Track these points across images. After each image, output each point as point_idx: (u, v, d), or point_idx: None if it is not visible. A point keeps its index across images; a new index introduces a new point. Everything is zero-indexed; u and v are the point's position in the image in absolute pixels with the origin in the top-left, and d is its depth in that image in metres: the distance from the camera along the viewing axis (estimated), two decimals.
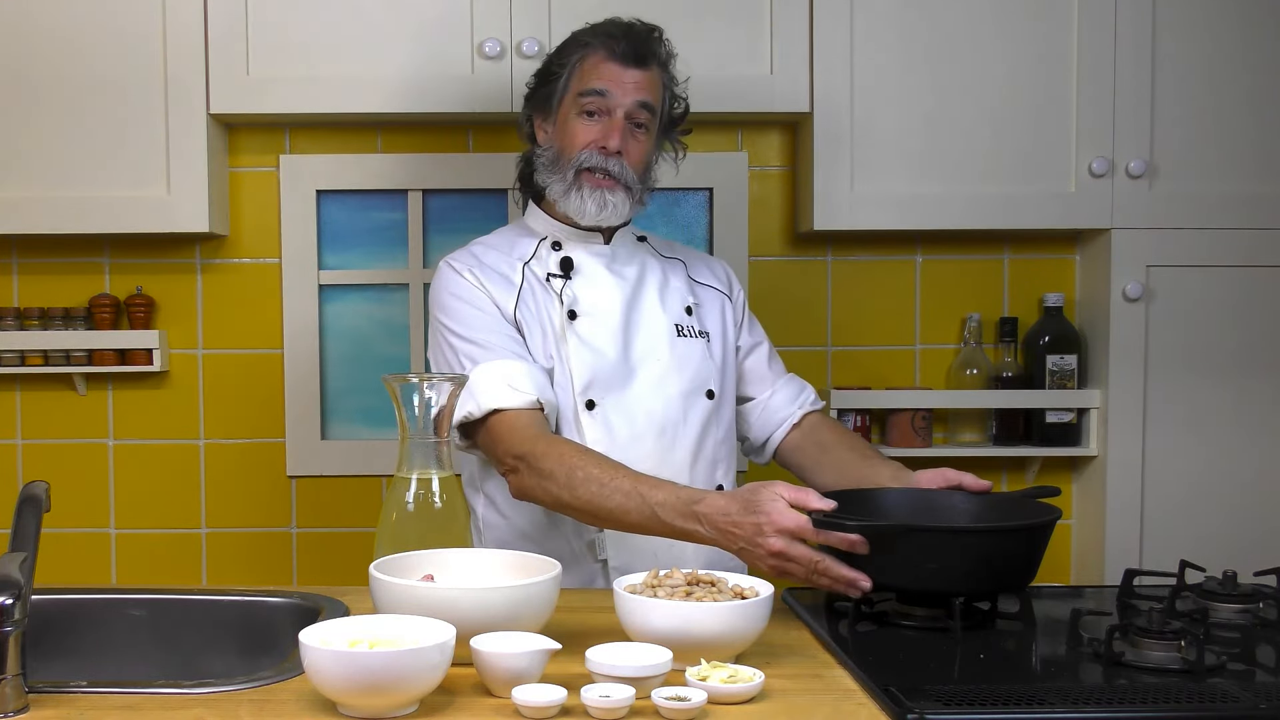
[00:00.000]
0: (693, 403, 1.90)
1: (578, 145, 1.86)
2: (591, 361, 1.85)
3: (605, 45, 1.86)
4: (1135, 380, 2.41)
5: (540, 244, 1.93)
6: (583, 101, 1.85)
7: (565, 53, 1.90)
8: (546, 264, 1.91)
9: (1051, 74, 2.37)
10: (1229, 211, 2.39)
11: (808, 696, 1.27)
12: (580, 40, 1.89)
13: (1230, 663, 1.37)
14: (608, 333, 1.87)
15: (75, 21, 2.30)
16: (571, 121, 1.87)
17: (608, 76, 1.85)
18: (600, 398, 1.85)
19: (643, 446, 1.84)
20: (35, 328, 2.47)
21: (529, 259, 1.91)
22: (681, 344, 1.92)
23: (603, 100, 1.84)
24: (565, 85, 1.88)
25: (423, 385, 1.53)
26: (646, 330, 1.90)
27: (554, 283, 1.89)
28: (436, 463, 1.53)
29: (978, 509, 1.69)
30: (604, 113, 1.85)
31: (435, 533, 1.50)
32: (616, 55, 1.85)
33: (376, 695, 1.17)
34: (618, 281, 1.91)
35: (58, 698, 1.25)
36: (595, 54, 1.86)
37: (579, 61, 1.87)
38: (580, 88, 1.85)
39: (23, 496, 1.32)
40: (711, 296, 2.02)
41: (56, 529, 2.49)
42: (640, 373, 1.88)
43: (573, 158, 1.86)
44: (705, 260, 2.08)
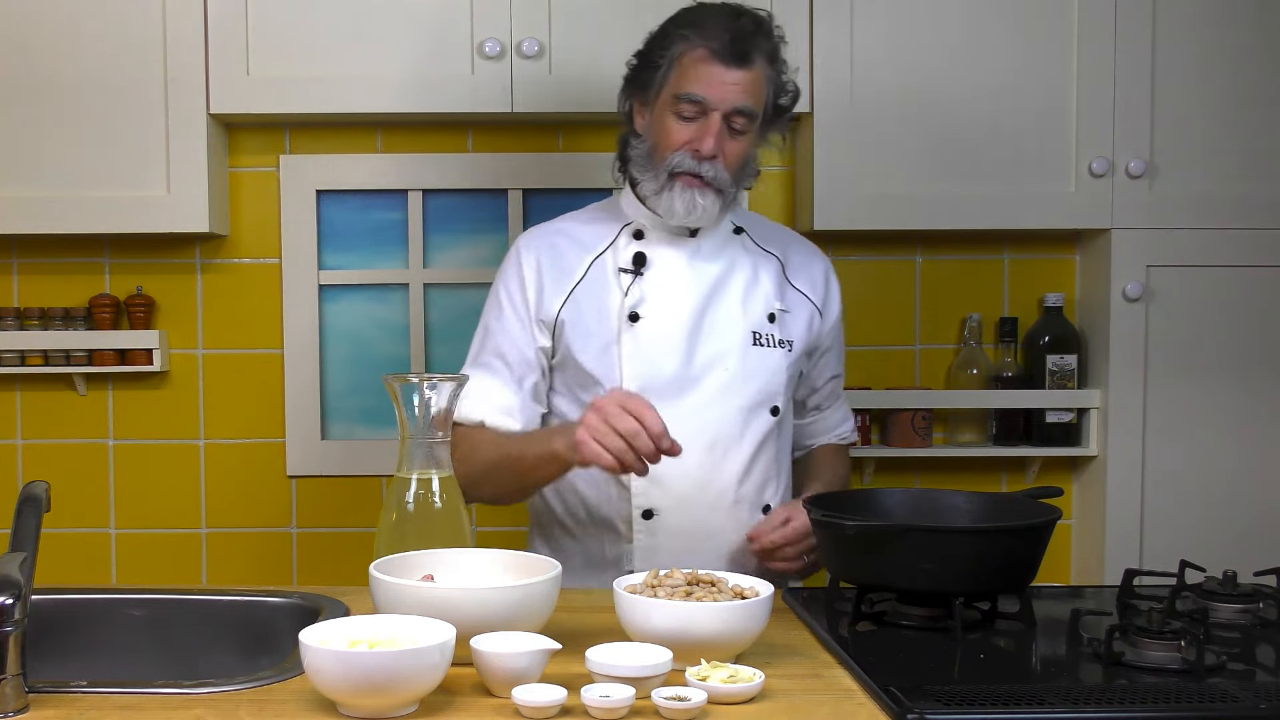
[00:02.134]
0: (753, 418, 1.83)
1: (671, 146, 1.78)
2: (646, 370, 1.80)
3: (706, 42, 1.74)
4: (1135, 380, 2.41)
5: (622, 231, 1.87)
6: (678, 105, 1.76)
7: (666, 41, 1.79)
8: (621, 255, 1.85)
9: (1051, 74, 2.37)
10: (1229, 211, 2.39)
11: (808, 696, 1.27)
12: (682, 31, 1.77)
13: (1230, 663, 1.37)
14: (671, 337, 1.81)
15: (75, 22, 2.30)
16: (666, 119, 1.78)
17: (706, 79, 1.74)
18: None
19: (689, 461, 1.73)
20: (35, 328, 2.47)
21: (602, 251, 1.86)
22: (755, 354, 1.84)
23: (699, 105, 1.75)
24: (663, 79, 1.78)
25: (423, 385, 1.53)
26: (718, 335, 1.83)
27: (623, 278, 1.83)
28: (436, 463, 1.53)
29: (978, 509, 1.69)
30: (700, 114, 1.76)
31: (435, 533, 1.50)
32: (718, 55, 1.74)
33: (376, 695, 1.17)
34: (696, 278, 1.83)
35: (58, 698, 1.25)
36: (695, 51, 1.75)
37: (678, 57, 1.76)
38: (677, 89, 1.76)
39: (23, 496, 1.32)
40: (801, 305, 1.92)
41: (56, 529, 2.49)
42: (704, 381, 1.81)
43: (666, 159, 1.78)
44: (807, 259, 1.97)
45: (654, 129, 1.81)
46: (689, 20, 1.78)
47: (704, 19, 1.77)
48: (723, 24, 1.75)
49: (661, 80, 1.78)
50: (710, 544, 1.80)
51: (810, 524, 1.62)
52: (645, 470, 1.59)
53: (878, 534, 1.51)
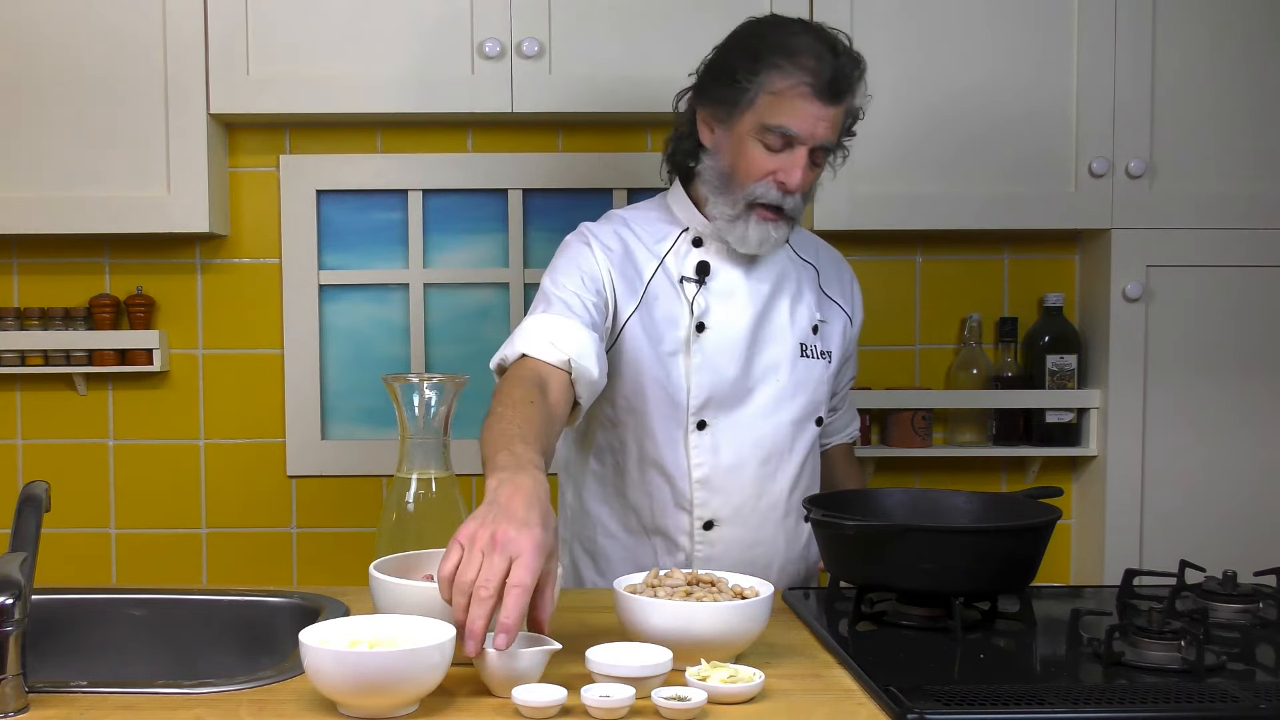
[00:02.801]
0: (802, 430, 1.84)
1: (754, 175, 1.72)
2: (712, 380, 1.77)
3: (805, 77, 1.67)
4: (1135, 380, 2.41)
5: (680, 236, 1.82)
6: (765, 134, 1.70)
7: (758, 62, 1.69)
8: (683, 263, 1.81)
9: (1051, 74, 2.37)
10: (1229, 211, 2.39)
11: (808, 696, 1.27)
12: (776, 59, 1.69)
13: (1230, 663, 1.37)
14: (733, 348, 1.78)
15: (75, 22, 2.30)
16: (749, 145, 1.71)
17: (800, 115, 1.69)
18: (713, 418, 1.78)
19: (746, 472, 1.78)
20: (35, 328, 2.47)
21: (665, 255, 1.81)
22: (803, 365, 1.83)
23: (787, 138, 1.70)
24: (750, 102, 1.70)
25: (423, 385, 1.53)
26: (772, 347, 1.81)
27: (687, 287, 1.79)
28: (436, 463, 1.53)
29: (978, 509, 1.69)
30: (785, 146, 1.70)
31: (435, 533, 1.50)
32: (816, 92, 1.68)
33: (376, 695, 1.17)
34: (753, 288, 1.81)
35: (58, 698, 1.25)
36: (792, 83, 1.68)
37: (772, 85, 1.69)
38: (768, 120, 1.69)
39: (23, 496, 1.31)
40: (836, 315, 1.92)
41: (56, 529, 2.49)
42: (757, 393, 1.80)
43: (747, 188, 1.72)
44: (837, 267, 1.96)
45: (733, 152, 1.73)
46: (784, 48, 1.70)
47: (801, 50, 1.69)
48: (823, 59, 1.69)
49: (747, 104, 1.71)
50: (761, 552, 1.81)
51: None
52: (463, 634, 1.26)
53: (877, 534, 1.51)
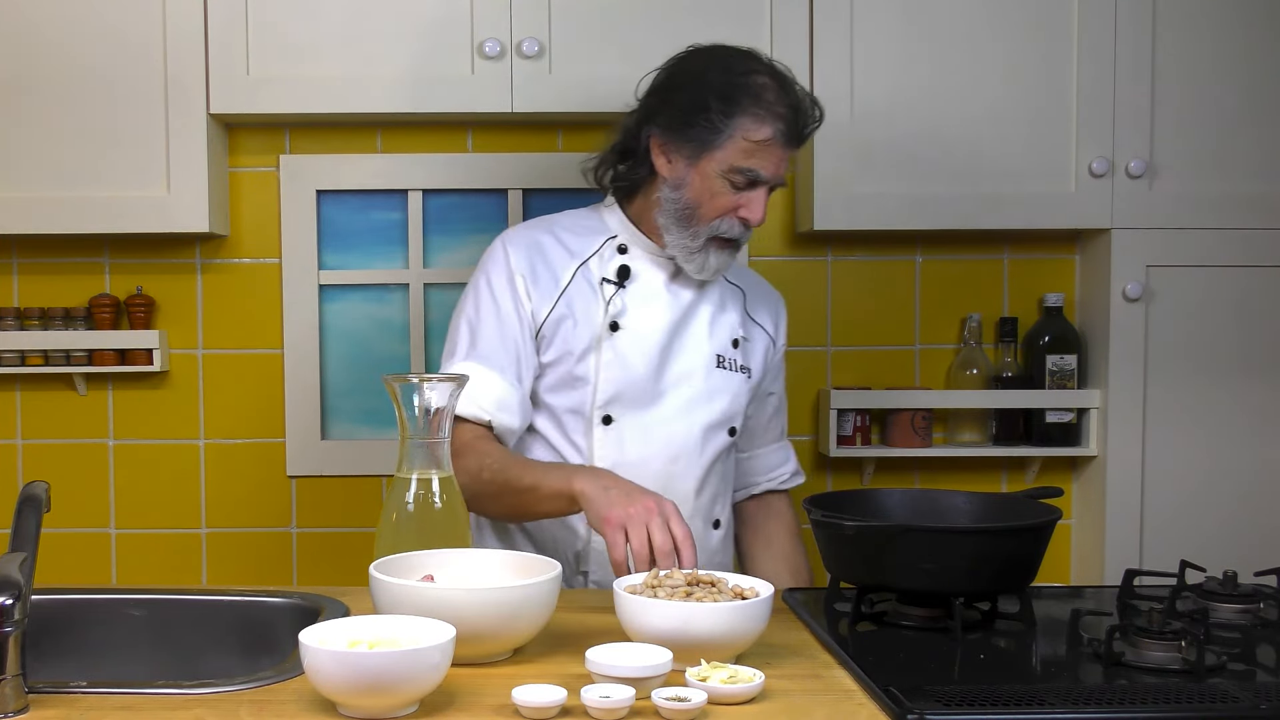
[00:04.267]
0: (713, 436, 1.89)
1: (719, 211, 1.79)
2: (620, 377, 1.83)
3: (780, 125, 1.75)
4: (1135, 380, 2.41)
5: (606, 243, 1.89)
6: (734, 174, 1.77)
7: (733, 106, 1.75)
8: (605, 266, 1.88)
9: (1051, 74, 2.37)
10: (1229, 211, 2.39)
11: (808, 697, 1.27)
12: (748, 105, 1.75)
13: (1230, 663, 1.37)
14: (645, 350, 1.84)
15: (75, 22, 2.30)
16: (716, 184, 1.78)
17: (771, 160, 1.77)
18: (619, 414, 1.84)
19: (650, 468, 1.83)
20: (35, 328, 2.47)
21: (588, 258, 1.88)
22: (719, 375, 1.89)
23: (753, 178, 1.77)
24: (722, 144, 1.76)
25: (423, 385, 1.53)
26: (687, 355, 1.88)
27: (605, 288, 1.86)
28: (436, 463, 1.53)
29: (978, 509, 1.69)
30: (749, 185, 1.78)
31: (435, 533, 1.50)
32: (784, 138, 1.76)
33: (376, 695, 1.17)
34: (671, 299, 1.88)
35: (58, 698, 1.25)
36: (764, 129, 1.75)
37: (748, 132, 1.75)
38: (740, 164, 1.76)
39: (23, 496, 1.32)
40: (760, 336, 2.00)
41: (56, 529, 2.49)
42: (669, 396, 1.86)
43: (710, 223, 1.79)
44: (765, 295, 2.04)
45: (698, 188, 1.79)
46: (757, 96, 1.76)
47: (772, 99, 1.76)
48: (790, 106, 1.77)
49: (718, 145, 1.76)
50: None
51: None
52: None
53: (877, 534, 1.51)
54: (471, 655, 1.34)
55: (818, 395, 2.60)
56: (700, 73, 1.80)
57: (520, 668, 1.35)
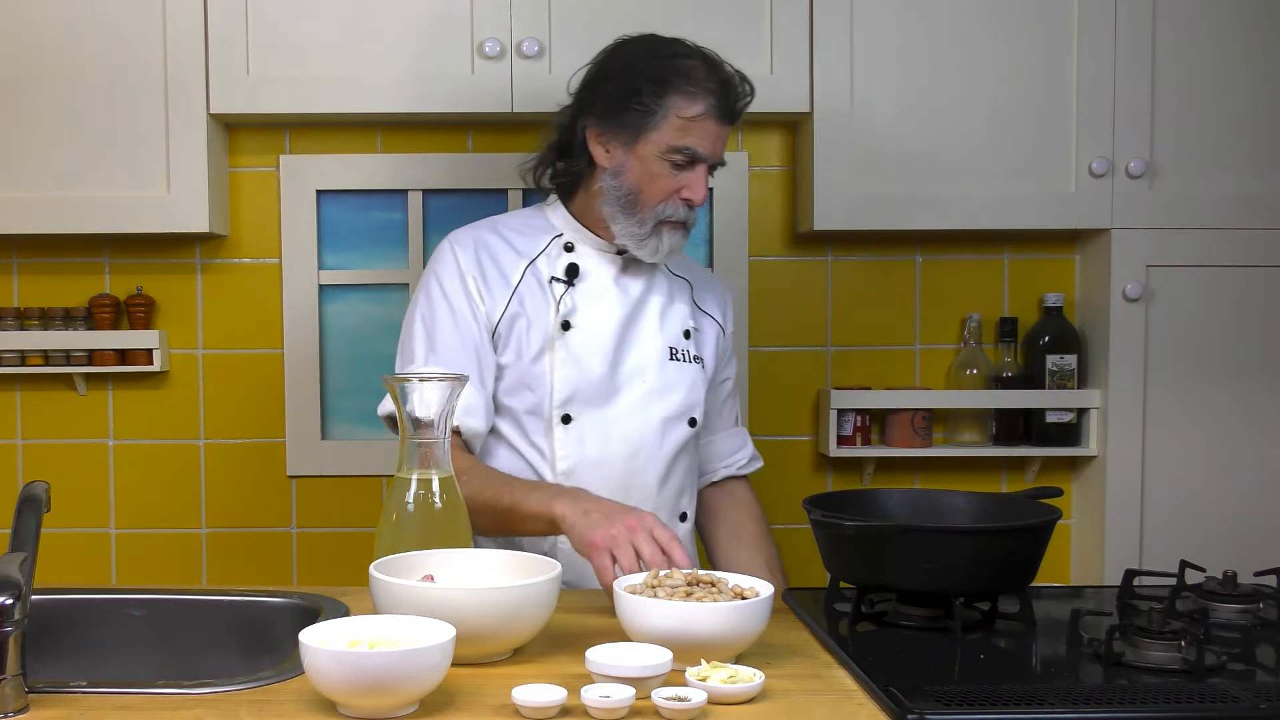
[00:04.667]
0: (672, 428, 1.89)
1: (662, 194, 1.81)
2: (575, 376, 1.84)
3: (712, 100, 1.78)
4: (1135, 380, 2.41)
5: (553, 241, 1.90)
6: (672, 155, 1.79)
7: (665, 86, 1.78)
8: (553, 265, 1.88)
9: (1051, 74, 2.37)
10: (1229, 211, 2.39)
11: (808, 696, 1.27)
12: (679, 83, 1.78)
13: (1230, 663, 1.37)
14: (599, 347, 1.85)
15: (75, 22, 2.30)
16: (655, 166, 1.80)
17: (704, 135, 1.79)
18: (578, 412, 1.84)
19: (612, 465, 1.84)
20: (35, 328, 2.47)
21: (535, 257, 1.89)
22: (672, 368, 1.90)
23: (691, 157, 1.79)
24: (657, 125, 1.78)
25: (423, 385, 1.52)
26: (639, 349, 1.89)
27: (555, 287, 1.87)
28: (436, 463, 1.53)
29: (978, 509, 1.69)
30: (689, 164, 1.80)
31: (435, 533, 1.50)
32: (717, 113, 1.79)
33: (376, 695, 1.17)
34: (621, 294, 1.89)
35: (58, 698, 1.25)
36: (697, 105, 1.78)
37: (681, 109, 1.78)
38: (677, 142, 1.78)
39: (23, 496, 1.32)
40: (710, 325, 2.01)
41: (56, 529, 2.49)
42: (625, 391, 1.87)
43: (655, 207, 1.81)
44: (711, 285, 2.06)
45: (639, 173, 1.81)
46: (687, 74, 1.79)
47: (698, 75, 1.79)
48: (720, 80, 1.80)
49: (653, 127, 1.79)
50: None
51: None
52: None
53: (877, 534, 1.51)
54: (471, 655, 1.34)
55: (818, 395, 2.60)
56: (629, 60, 1.84)
57: (520, 668, 1.35)
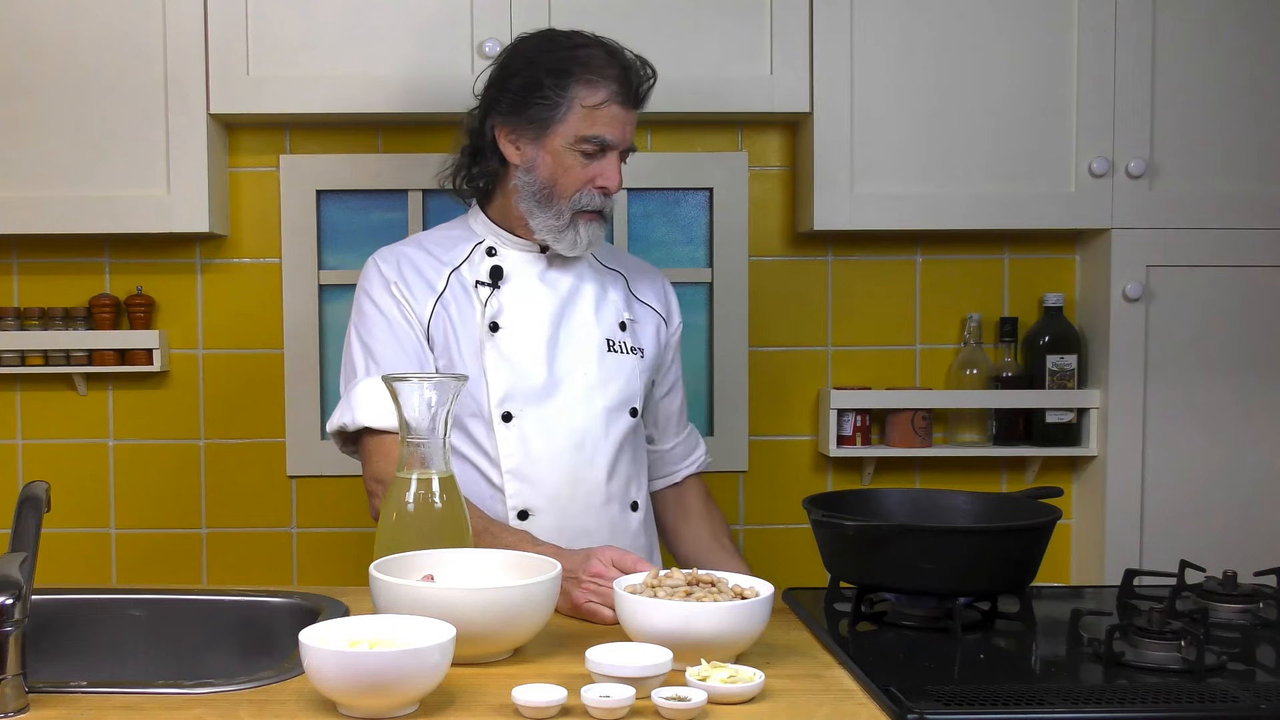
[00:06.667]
0: (615, 419, 1.90)
1: (575, 185, 1.82)
2: (509, 375, 1.84)
3: (614, 86, 1.80)
4: (1135, 380, 2.41)
5: (475, 248, 1.91)
6: (582, 144, 1.80)
7: (567, 77, 1.80)
8: (477, 270, 1.89)
9: (1051, 74, 2.37)
10: (1229, 211, 2.39)
11: (808, 696, 1.27)
12: (580, 73, 1.80)
13: (1230, 663, 1.37)
14: (532, 345, 1.86)
15: (75, 22, 2.30)
16: (566, 157, 1.81)
17: (611, 122, 1.80)
18: (518, 410, 1.84)
19: (559, 461, 1.84)
20: (35, 328, 2.47)
21: (459, 264, 1.89)
22: (611, 359, 1.91)
23: (600, 145, 1.81)
24: (563, 117, 1.80)
25: (423, 385, 1.52)
26: (575, 343, 1.89)
27: (480, 291, 1.87)
28: (436, 463, 1.53)
29: (978, 509, 1.69)
30: (599, 152, 1.81)
31: (435, 533, 1.50)
32: (620, 98, 1.80)
33: (376, 695, 1.17)
34: (549, 291, 1.89)
35: (58, 698, 1.25)
36: (599, 93, 1.79)
37: (585, 98, 1.79)
38: (584, 131, 1.79)
39: (23, 496, 1.32)
40: (648, 315, 2.00)
41: (56, 529, 2.49)
42: (564, 386, 1.87)
43: (570, 198, 1.82)
44: (649, 276, 2.05)
45: (550, 165, 1.82)
46: (586, 63, 1.81)
47: (598, 63, 1.81)
48: (621, 66, 1.82)
49: (559, 119, 1.80)
50: (587, 542, 1.80)
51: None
52: None
53: (878, 534, 1.51)
54: (471, 655, 1.34)
55: (818, 395, 2.60)
56: (530, 55, 1.85)
57: (520, 668, 1.35)
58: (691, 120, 2.50)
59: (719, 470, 2.58)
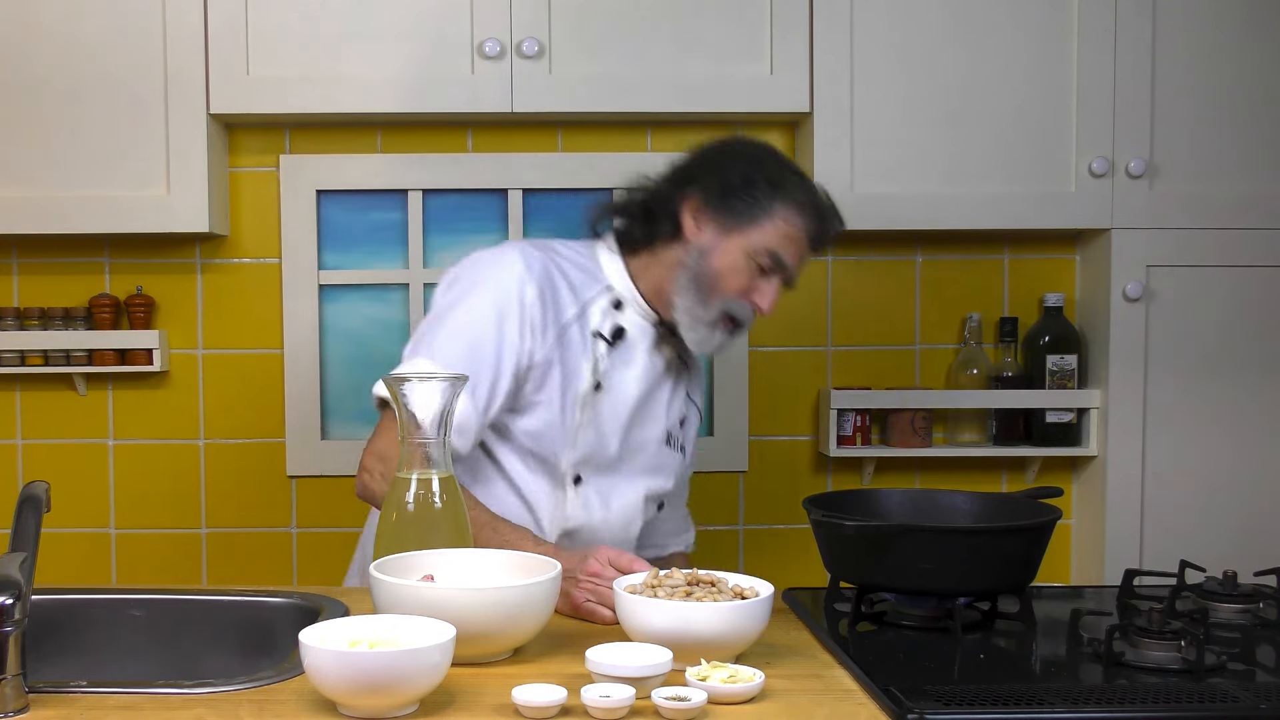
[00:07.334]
0: (649, 507, 1.92)
1: (736, 289, 1.80)
2: (593, 440, 1.82)
3: (811, 219, 1.80)
4: (1135, 380, 2.41)
5: (602, 293, 1.85)
6: (763, 256, 1.79)
7: (781, 192, 1.80)
8: (602, 320, 1.84)
9: (1052, 74, 2.37)
10: (1229, 211, 2.39)
11: (808, 696, 1.27)
12: (793, 195, 1.80)
13: (1230, 663, 1.37)
14: (619, 416, 1.84)
15: (75, 21, 2.30)
16: (741, 262, 1.79)
17: (797, 250, 1.81)
18: (589, 476, 1.84)
19: (608, 532, 1.85)
20: (35, 328, 2.47)
21: (587, 304, 1.83)
22: (665, 452, 1.92)
23: (776, 267, 1.80)
24: (760, 224, 1.79)
25: (424, 385, 1.52)
26: (647, 426, 1.88)
27: (598, 344, 1.83)
28: (436, 463, 1.53)
29: (978, 509, 1.69)
30: (770, 272, 1.80)
31: (435, 533, 1.50)
32: (812, 236, 1.81)
33: (376, 695, 1.17)
34: (648, 368, 1.87)
35: (58, 698, 1.25)
36: (800, 221, 1.79)
37: (784, 217, 1.79)
38: (773, 246, 1.79)
39: (23, 496, 1.31)
40: (694, 415, 2.01)
41: (56, 529, 2.49)
42: (627, 464, 1.87)
43: (726, 300, 1.80)
44: (700, 377, 2.05)
45: (724, 260, 1.79)
46: (803, 191, 1.81)
47: (809, 197, 1.82)
48: (824, 211, 1.83)
49: (756, 224, 1.79)
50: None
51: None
52: None
53: (877, 534, 1.51)
54: (471, 655, 1.34)
55: (818, 395, 2.60)
56: (753, 155, 1.85)
57: (520, 668, 1.35)
58: (691, 120, 2.50)
59: (719, 470, 2.59)
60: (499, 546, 1.64)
